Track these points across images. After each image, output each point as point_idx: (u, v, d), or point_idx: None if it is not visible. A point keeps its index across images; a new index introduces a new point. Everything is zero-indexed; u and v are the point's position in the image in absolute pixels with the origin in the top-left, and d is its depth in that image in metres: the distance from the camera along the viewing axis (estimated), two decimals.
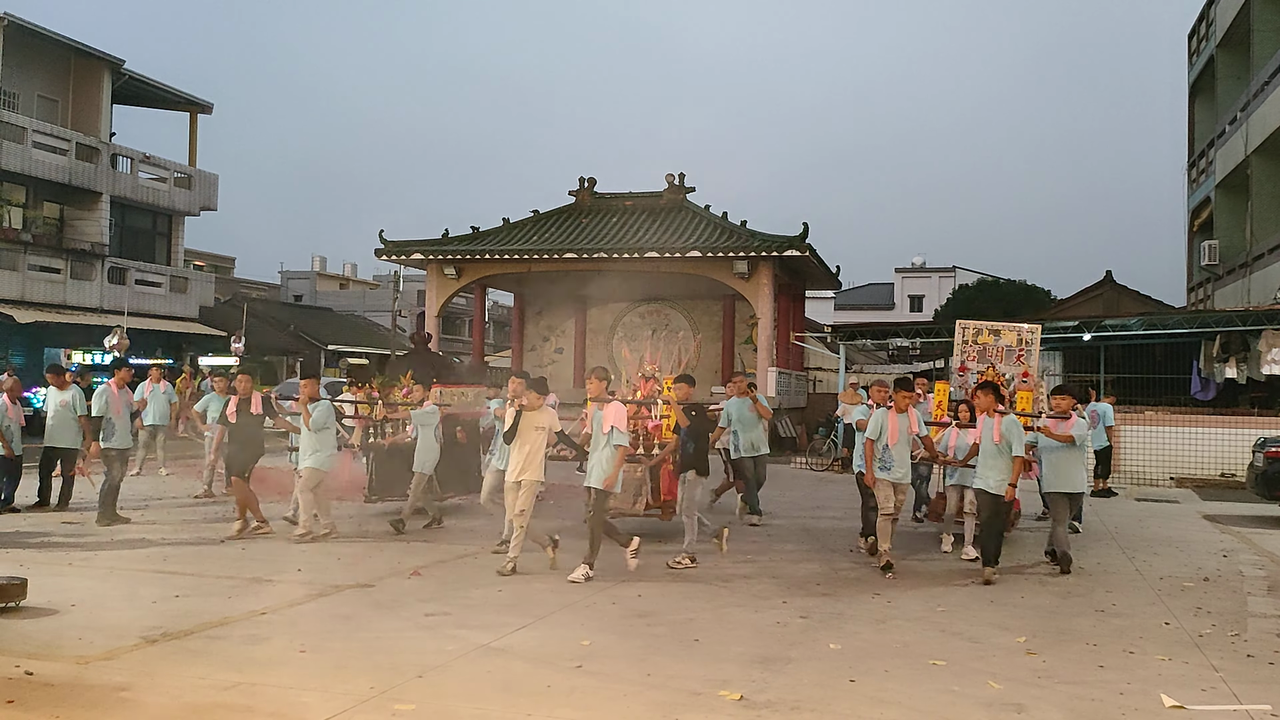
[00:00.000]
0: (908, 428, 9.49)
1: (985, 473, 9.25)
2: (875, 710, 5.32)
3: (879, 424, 9.50)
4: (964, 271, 64.26)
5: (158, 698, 5.27)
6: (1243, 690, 5.77)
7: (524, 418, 8.79)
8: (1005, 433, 9.12)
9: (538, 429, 8.82)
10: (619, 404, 8.97)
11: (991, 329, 12.36)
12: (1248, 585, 9.13)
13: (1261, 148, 25.29)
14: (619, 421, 8.74)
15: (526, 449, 8.77)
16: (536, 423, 8.82)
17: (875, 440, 9.50)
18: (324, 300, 59.62)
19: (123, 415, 11.83)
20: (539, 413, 8.87)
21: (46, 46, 29.56)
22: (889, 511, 9.34)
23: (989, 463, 9.22)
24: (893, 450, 9.38)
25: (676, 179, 29.22)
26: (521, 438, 8.77)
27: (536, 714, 5.14)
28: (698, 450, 9.52)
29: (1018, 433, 9.15)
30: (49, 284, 28.80)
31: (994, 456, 9.18)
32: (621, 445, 8.72)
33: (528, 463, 8.78)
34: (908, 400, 9.62)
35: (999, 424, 9.20)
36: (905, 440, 9.46)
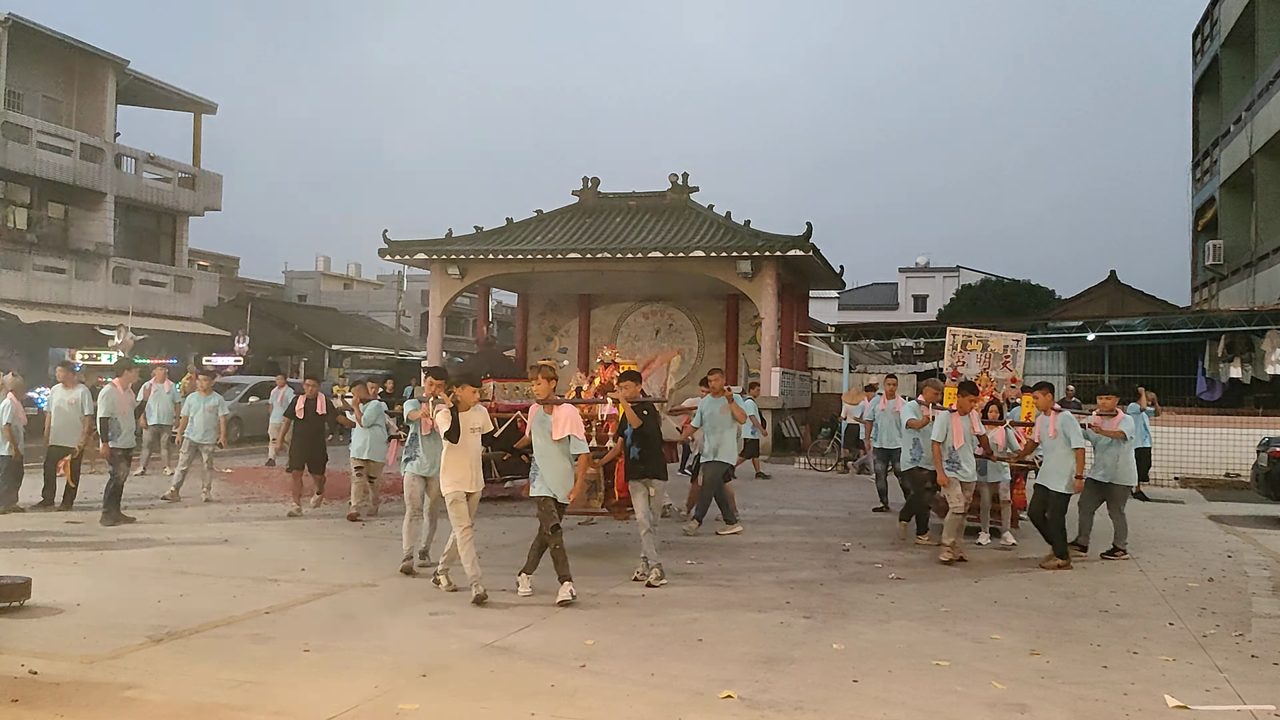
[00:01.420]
0: (969, 429, 10.09)
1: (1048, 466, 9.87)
2: (879, 710, 5.32)
3: (944, 427, 10.02)
4: (968, 271, 64.23)
5: (163, 697, 5.28)
6: (1247, 691, 5.77)
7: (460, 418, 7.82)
8: (1061, 427, 9.74)
9: (474, 430, 7.89)
10: (570, 407, 8.09)
11: (980, 336, 12.93)
12: (1252, 586, 9.11)
13: (1266, 147, 25.24)
14: (575, 428, 7.89)
15: (466, 455, 7.82)
16: (473, 423, 7.89)
17: (942, 442, 10.00)
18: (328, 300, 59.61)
19: (128, 415, 11.89)
20: (474, 412, 7.93)
21: (51, 46, 29.60)
22: (960, 510, 9.87)
23: (1046, 456, 9.92)
24: (959, 451, 9.98)
25: (680, 179, 29.22)
26: (463, 442, 7.80)
27: (540, 713, 5.15)
28: (647, 454, 8.76)
29: (1075, 427, 9.75)
30: (53, 284, 28.84)
31: (1049, 451, 9.85)
32: (584, 454, 7.94)
33: (474, 469, 7.87)
34: (971, 403, 10.24)
35: (1055, 420, 9.83)
36: (970, 441, 10.09)
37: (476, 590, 7.54)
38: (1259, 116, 25.72)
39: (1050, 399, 10.11)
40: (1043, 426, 10.02)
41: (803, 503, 15.00)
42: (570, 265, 26.95)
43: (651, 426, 8.81)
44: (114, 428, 11.63)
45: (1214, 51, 31.64)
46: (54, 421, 12.32)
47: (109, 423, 11.60)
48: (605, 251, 26.39)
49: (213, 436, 13.84)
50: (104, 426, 11.62)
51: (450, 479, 7.82)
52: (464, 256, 27.93)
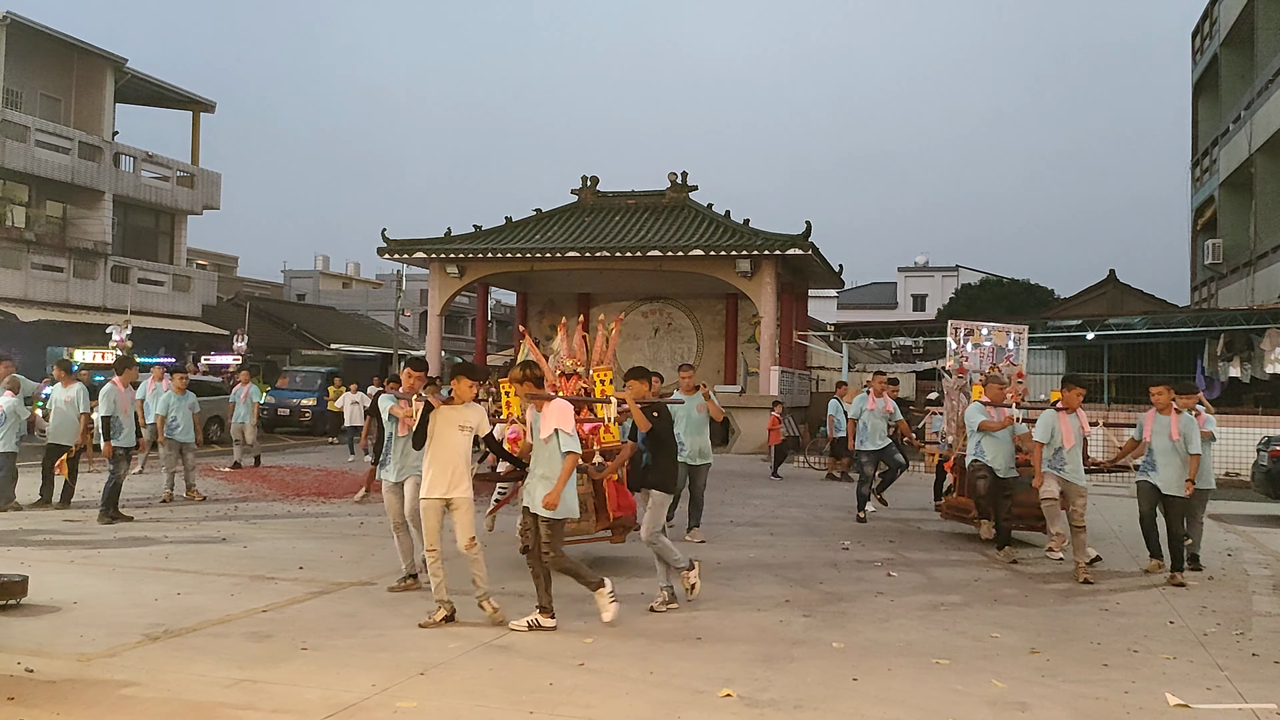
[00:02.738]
0: (1079, 428, 9.28)
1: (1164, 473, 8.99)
2: (879, 709, 5.30)
3: (1050, 426, 9.22)
4: (967, 271, 64.31)
5: (160, 695, 5.26)
6: (1248, 689, 5.75)
7: (440, 415, 6.88)
8: (1184, 430, 8.93)
9: (463, 429, 6.88)
10: (563, 401, 7.05)
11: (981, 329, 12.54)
12: (1252, 584, 9.10)
13: (1266, 146, 25.24)
14: (564, 421, 6.82)
15: (448, 456, 6.85)
16: (463, 420, 6.89)
17: (1047, 443, 9.23)
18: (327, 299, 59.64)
19: (129, 414, 11.88)
20: (464, 408, 6.95)
21: (49, 45, 29.58)
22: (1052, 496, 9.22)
23: (1165, 460, 8.99)
24: (1068, 454, 9.16)
25: (679, 178, 29.22)
26: (440, 441, 6.86)
27: (539, 711, 5.13)
28: (660, 462, 7.63)
29: (1195, 430, 9.00)
30: (52, 283, 28.82)
31: (1169, 454, 8.98)
32: (572, 452, 6.79)
33: (456, 474, 6.84)
34: (1079, 398, 9.40)
35: (1176, 421, 8.97)
36: (1080, 441, 9.30)
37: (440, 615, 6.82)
38: (1258, 115, 25.72)
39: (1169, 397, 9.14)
40: (1159, 428, 9.06)
41: (802, 501, 14.97)
42: (569, 264, 26.94)
43: (665, 430, 7.74)
44: (115, 426, 11.61)
45: (1213, 50, 31.64)
46: (51, 420, 12.31)
47: (110, 421, 11.58)
48: (604, 250, 26.38)
49: (192, 435, 13.91)
50: (105, 425, 11.60)
51: (424, 483, 6.91)
52: (463, 255, 27.91)
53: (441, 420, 6.84)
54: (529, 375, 7.08)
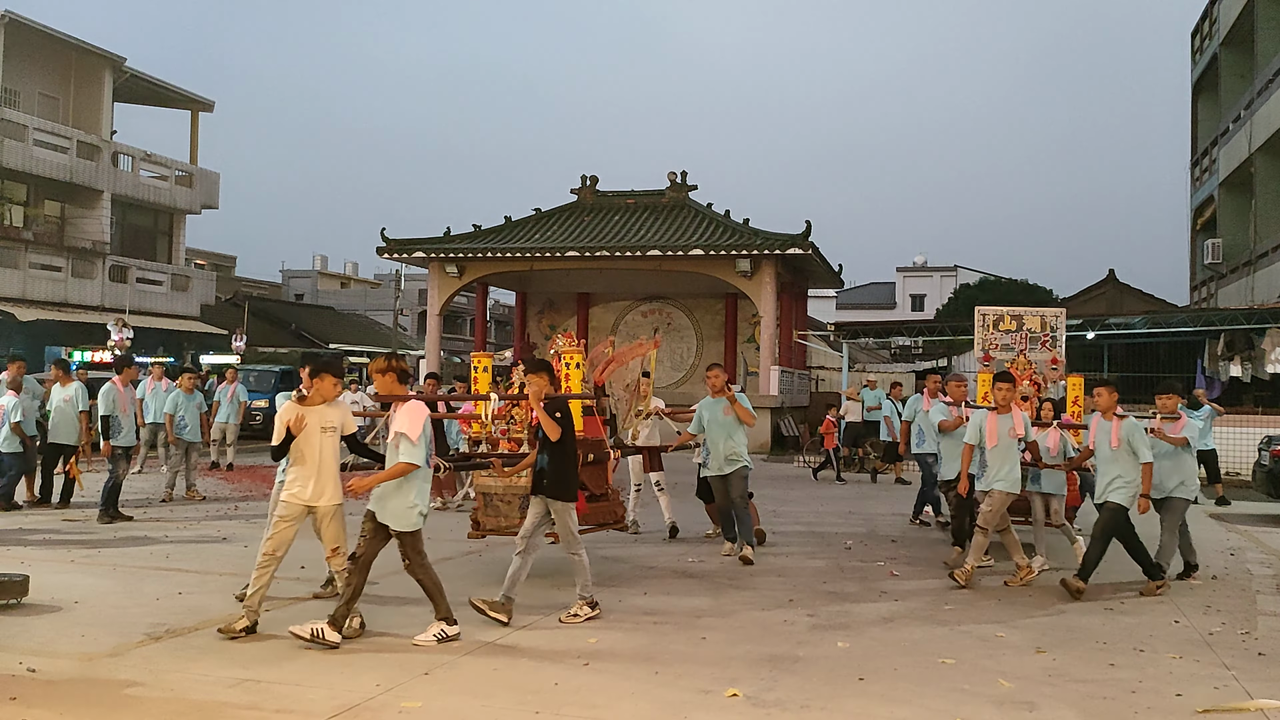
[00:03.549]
0: (1009, 429, 8.60)
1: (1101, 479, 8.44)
2: (885, 709, 5.28)
3: (978, 427, 8.71)
4: (966, 270, 64.25)
5: (163, 695, 5.23)
6: (1256, 688, 5.72)
7: (300, 416, 6.42)
8: (1126, 437, 8.25)
9: (326, 429, 6.47)
10: (414, 403, 6.45)
11: (1013, 314, 11.64)
12: (1256, 583, 9.08)
13: (1266, 146, 25.25)
14: (407, 427, 6.25)
15: (313, 459, 6.42)
16: (326, 420, 6.49)
17: (976, 445, 8.73)
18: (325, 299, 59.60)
19: (128, 413, 11.85)
20: (327, 408, 6.53)
21: (47, 44, 29.52)
22: (987, 526, 8.55)
23: (1105, 469, 8.37)
24: (989, 454, 8.61)
25: (679, 177, 29.20)
26: (307, 443, 6.41)
27: (544, 712, 5.10)
28: (556, 468, 6.94)
29: (1141, 437, 8.31)
30: (50, 282, 28.77)
31: (1110, 463, 8.33)
32: (407, 462, 6.23)
33: (321, 477, 6.44)
34: (1009, 395, 8.73)
35: (1117, 427, 8.30)
36: (1008, 444, 8.59)
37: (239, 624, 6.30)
38: (1258, 115, 25.72)
39: (1113, 399, 8.51)
40: (1102, 434, 8.42)
41: (803, 500, 14.96)
42: (569, 264, 26.92)
43: (567, 433, 7.04)
44: (114, 426, 11.58)
45: (1213, 50, 31.65)
46: (51, 420, 12.27)
47: (109, 421, 11.55)
48: (604, 250, 26.35)
49: (200, 435, 13.93)
50: (104, 424, 11.57)
51: (289, 487, 6.48)
52: (462, 255, 27.88)
53: (311, 421, 6.41)
54: (391, 367, 6.53)
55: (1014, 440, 8.60)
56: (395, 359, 6.54)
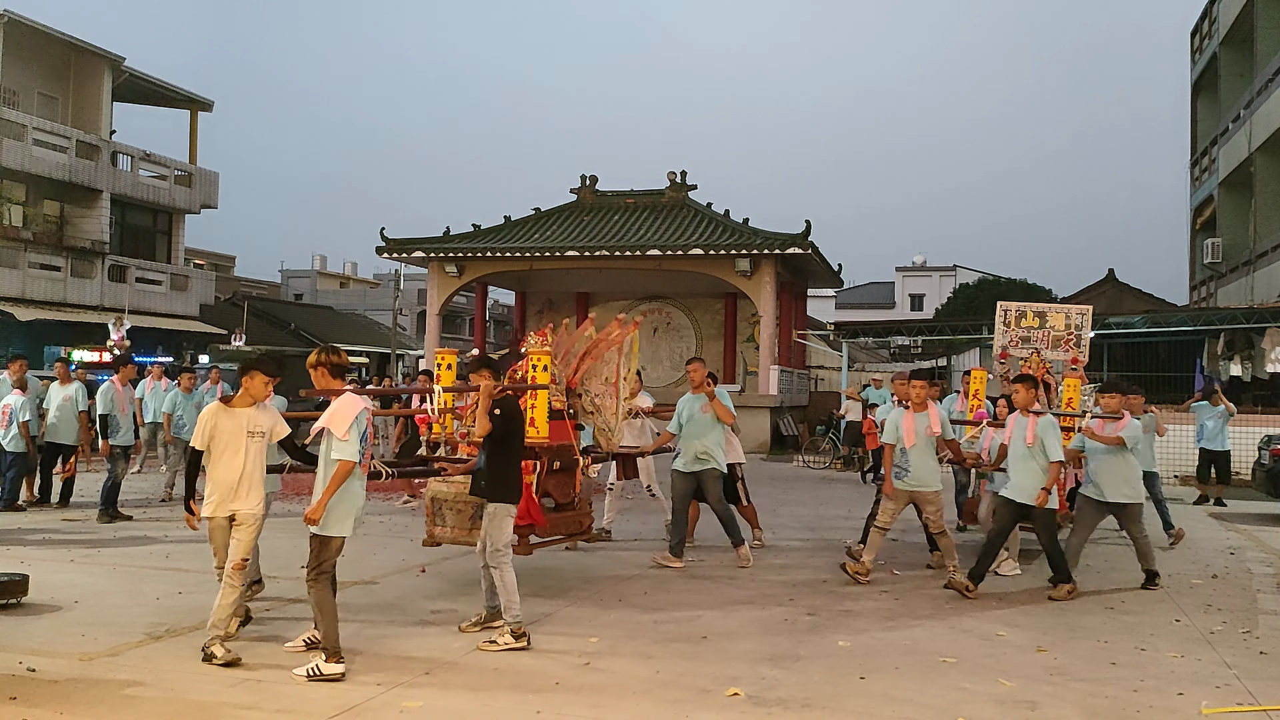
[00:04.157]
0: (926, 428, 8.46)
1: (1017, 479, 8.18)
2: (887, 708, 5.27)
3: (894, 426, 8.51)
4: (965, 270, 64.25)
5: (163, 694, 5.22)
6: (1257, 687, 5.72)
7: (225, 417, 5.91)
8: (1040, 434, 8.06)
9: (254, 435, 5.95)
10: (350, 396, 5.94)
11: (1036, 310, 11.11)
12: (1256, 582, 9.08)
13: (1265, 145, 25.25)
14: (335, 423, 5.77)
15: (235, 466, 5.89)
16: (255, 424, 5.96)
17: (894, 445, 8.49)
18: (324, 299, 59.58)
19: (126, 413, 11.84)
20: (255, 410, 6.01)
21: (47, 43, 29.48)
22: (884, 525, 8.54)
23: (1020, 467, 8.16)
24: (908, 454, 8.41)
25: (678, 177, 29.19)
26: (231, 449, 5.89)
27: (546, 711, 5.09)
28: (495, 467, 6.51)
29: (1055, 434, 8.13)
30: (49, 282, 28.73)
31: (1025, 460, 8.12)
32: (343, 460, 5.73)
33: (244, 484, 5.90)
34: (922, 393, 8.52)
35: (1033, 424, 8.14)
36: (926, 443, 8.46)
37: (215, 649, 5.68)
38: (1258, 114, 25.72)
39: (1031, 396, 8.31)
40: (1018, 430, 8.23)
41: (803, 500, 14.95)
42: (568, 263, 26.91)
43: (513, 431, 6.63)
44: (113, 425, 11.58)
45: (1212, 49, 31.65)
46: (50, 419, 12.25)
47: (108, 420, 11.54)
48: (603, 249, 26.35)
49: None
50: (103, 424, 11.56)
51: (211, 496, 5.91)
52: (462, 254, 27.88)
53: (225, 425, 5.88)
54: (322, 361, 6.00)
55: (932, 439, 8.48)
56: (329, 352, 6.05)
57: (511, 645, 6.17)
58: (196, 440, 5.91)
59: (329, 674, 5.46)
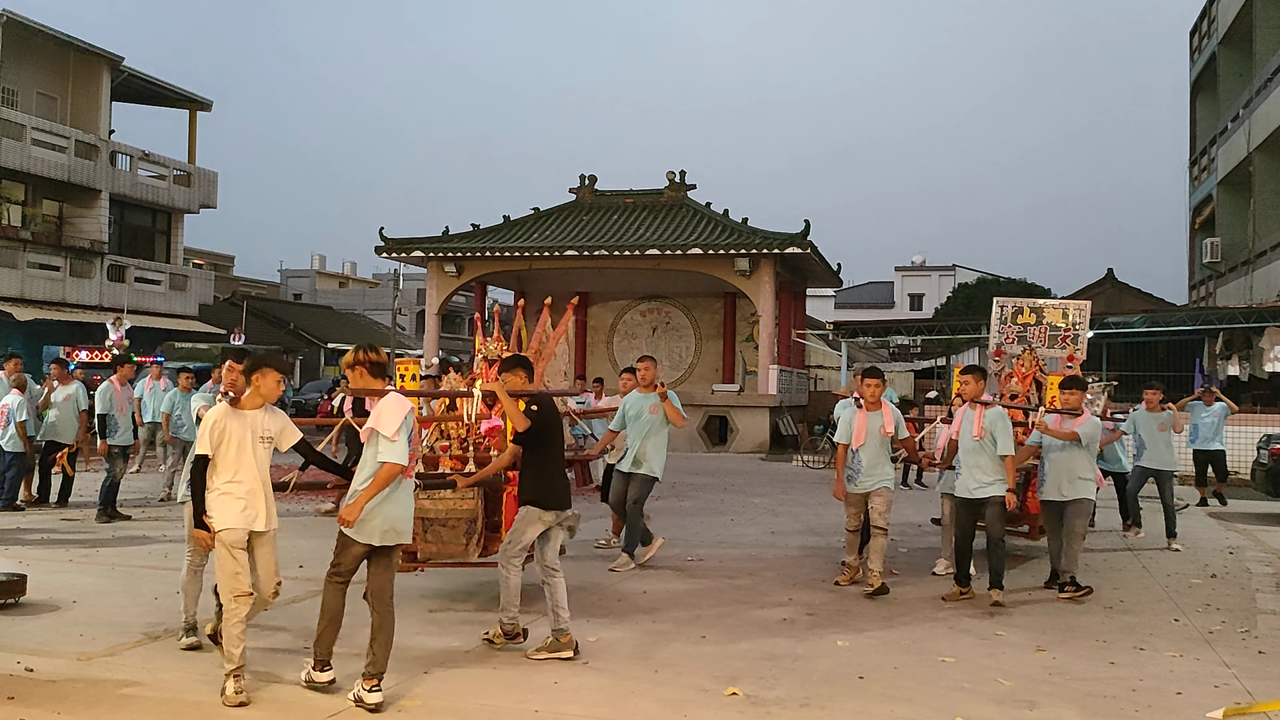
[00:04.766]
0: (879, 427, 8.19)
1: (966, 475, 7.93)
2: (886, 707, 5.27)
3: (847, 425, 8.25)
4: (964, 270, 64.24)
5: (161, 694, 5.22)
6: (1256, 687, 5.72)
7: (234, 419, 5.35)
8: (989, 427, 7.80)
9: (264, 439, 5.41)
10: (394, 397, 5.53)
11: (1033, 306, 10.78)
12: (1255, 582, 9.08)
13: (1264, 145, 25.24)
14: (384, 424, 5.34)
15: (252, 475, 5.34)
16: (264, 428, 5.41)
17: (847, 445, 8.22)
18: (323, 299, 59.58)
19: (125, 412, 11.83)
20: (264, 413, 5.45)
21: (45, 43, 29.46)
22: (853, 528, 8.33)
23: (970, 461, 7.91)
24: (860, 455, 8.14)
25: (677, 176, 29.18)
26: (241, 455, 5.32)
27: (545, 710, 5.09)
28: (530, 470, 6.31)
29: (1004, 426, 7.82)
30: (48, 281, 28.71)
31: (975, 454, 7.89)
32: (390, 463, 5.30)
33: (263, 495, 5.39)
34: (876, 391, 8.27)
35: (980, 416, 7.88)
36: (878, 443, 8.18)
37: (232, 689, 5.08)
38: (1257, 114, 25.71)
39: (980, 388, 8.07)
40: (966, 423, 7.95)
41: (801, 500, 14.95)
42: (567, 263, 26.90)
43: (549, 429, 6.35)
44: (111, 425, 11.57)
45: (1212, 49, 31.65)
46: (49, 418, 12.25)
47: (106, 420, 11.54)
48: (602, 249, 26.34)
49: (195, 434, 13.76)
50: (101, 423, 11.56)
51: (223, 512, 5.27)
52: (461, 254, 27.87)
53: (235, 428, 5.33)
54: (360, 360, 5.56)
55: (885, 439, 8.20)
56: (368, 350, 5.60)
57: (505, 645, 6.17)
58: (202, 445, 5.29)
59: (318, 681, 5.29)
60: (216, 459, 5.30)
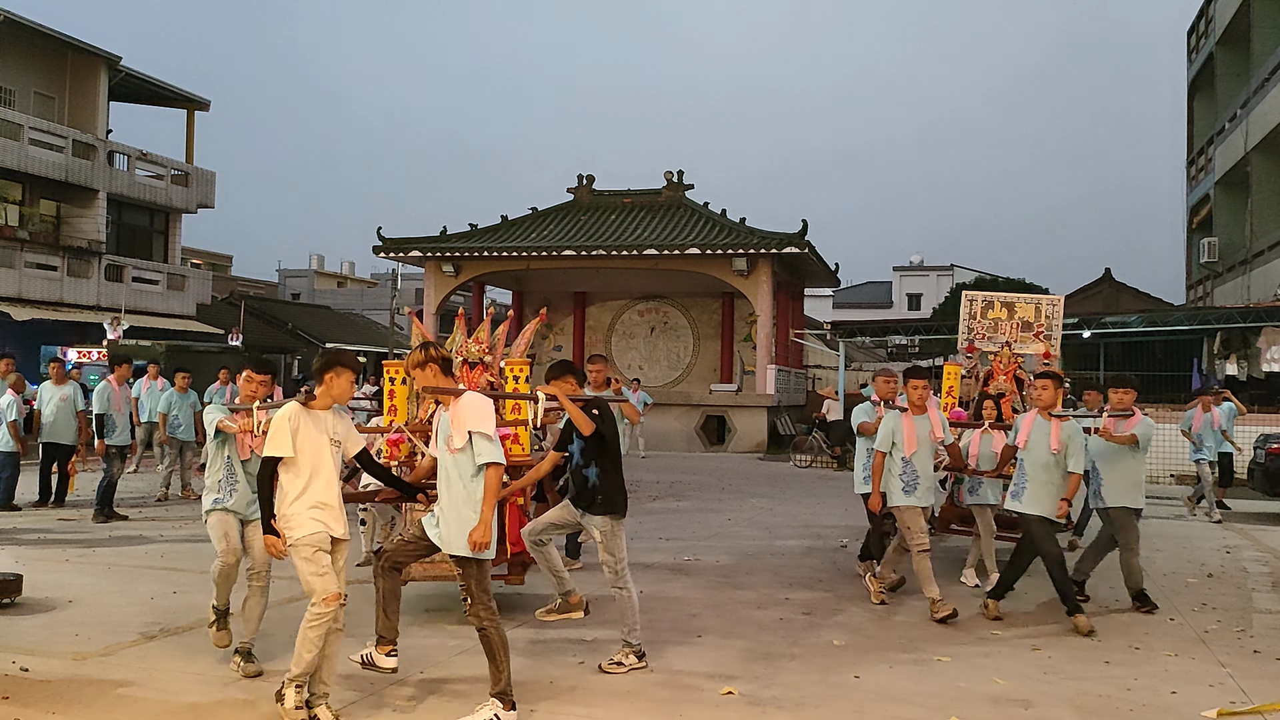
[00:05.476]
0: (929, 432, 7.53)
1: (1036, 490, 7.22)
2: (881, 706, 5.27)
3: (890, 431, 7.50)
4: (962, 270, 64.25)
5: (157, 694, 5.22)
6: (1251, 686, 5.72)
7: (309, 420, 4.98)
8: (1067, 441, 7.16)
9: (334, 441, 5.04)
10: (475, 395, 5.17)
11: (1004, 300, 10.25)
12: (1251, 581, 9.09)
13: (1262, 144, 25.26)
14: (482, 421, 4.95)
15: (331, 479, 5.02)
16: (334, 430, 5.04)
17: (888, 453, 7.48)
18: (322, 298, 59.49)
19: (123, 412, 11.83)
20: (333, 415, 5.09)
21: (43, 43, 29.43)
22: (925, 547, 7.34)
23: (1040, 478, 7.21)
24: (913, 464, 7.39)
25: (675, 176, 29.19)
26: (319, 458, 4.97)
27: (540, 710, 5.10)
28: (610, 477, 5.96)
29: (1080, 442, 7.21)
30: (46, 281, 28.68)
31: (1049, 470, 7.19)
32: (497, 463, 4.97)
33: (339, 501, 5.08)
34: (924, 394, 7.56)
35: (1058, 429, 7.21)
36: (930, 449, 7.54)
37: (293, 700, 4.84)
38: (1254, 114, 25.73)
39: (1056, 396, 7.46)
40: (1039, 434, 7.27)
41: (799, 499, 14.95)
42: (565, 263, 26.90)
43: (611, 436, 6.06)
44: (109, 425, 11.57)
45: (1209, 49, 31.68)
46: (47, 419, 12.25)
47: (104, 419, 11.54)
48: (600, 249, 26.34)
49: (194, 434, 13.78)
50: (99, 423, 11.55)
51: (301, 521, 4.91)
52: (459, 254, 27.86)
53: (310, 429, 4.94)
54: (431, 357, 5.15)
55: (934, 445, 7.58)
56: (434, 348, 5.20)
57: (635, 665, 5.82)
58: (281, 446, 4.87)
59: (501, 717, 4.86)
60: (290, 461, 4.91)
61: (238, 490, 5.86)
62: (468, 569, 4.98)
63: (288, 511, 4.92)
